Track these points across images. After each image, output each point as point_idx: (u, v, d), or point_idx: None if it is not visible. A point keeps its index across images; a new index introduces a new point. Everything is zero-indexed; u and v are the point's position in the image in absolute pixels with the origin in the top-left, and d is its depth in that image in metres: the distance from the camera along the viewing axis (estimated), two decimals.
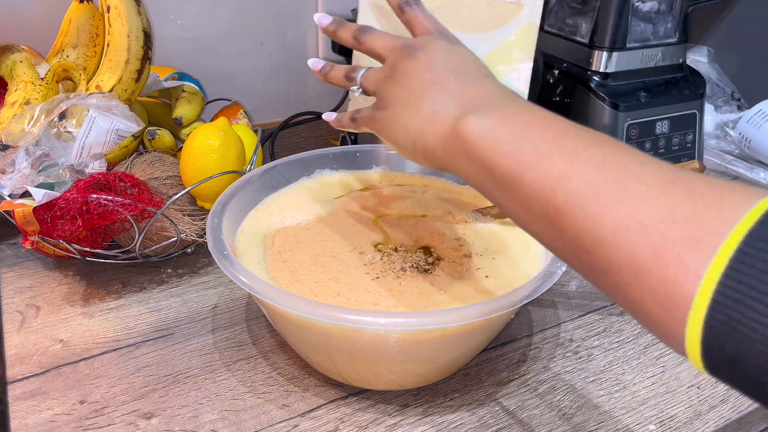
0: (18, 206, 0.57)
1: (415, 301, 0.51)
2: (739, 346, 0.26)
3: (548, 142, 0.35)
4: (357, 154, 0.70)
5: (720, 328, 0.26)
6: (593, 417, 0.51)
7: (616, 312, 0.63)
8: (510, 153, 0.36)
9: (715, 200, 0.28)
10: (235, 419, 0.50)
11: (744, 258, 0.25)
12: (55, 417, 0.49)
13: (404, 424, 0.50)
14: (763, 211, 0.26)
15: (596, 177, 0.32)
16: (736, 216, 0.26)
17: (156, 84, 0.77)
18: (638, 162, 0.31)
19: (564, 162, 0.33)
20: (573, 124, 0.36)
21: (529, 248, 0.59)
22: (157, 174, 0.66)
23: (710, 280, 0.26)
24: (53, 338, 0.57)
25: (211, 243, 0.51)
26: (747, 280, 0.25)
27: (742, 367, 0.26)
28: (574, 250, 0.32)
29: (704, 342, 0.27)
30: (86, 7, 0.71)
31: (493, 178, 0.37)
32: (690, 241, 0.27)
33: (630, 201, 0.30)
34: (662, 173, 0.30)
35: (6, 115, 0.62)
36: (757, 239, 0.25)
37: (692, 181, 0.29)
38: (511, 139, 0.36)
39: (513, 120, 0.37)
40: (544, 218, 0.34)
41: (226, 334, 0.59)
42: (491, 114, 0.38)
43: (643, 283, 0.29)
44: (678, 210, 0.28)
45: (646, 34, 0.82)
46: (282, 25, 0.97)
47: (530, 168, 0.34)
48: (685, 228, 0.27)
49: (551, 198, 0.33)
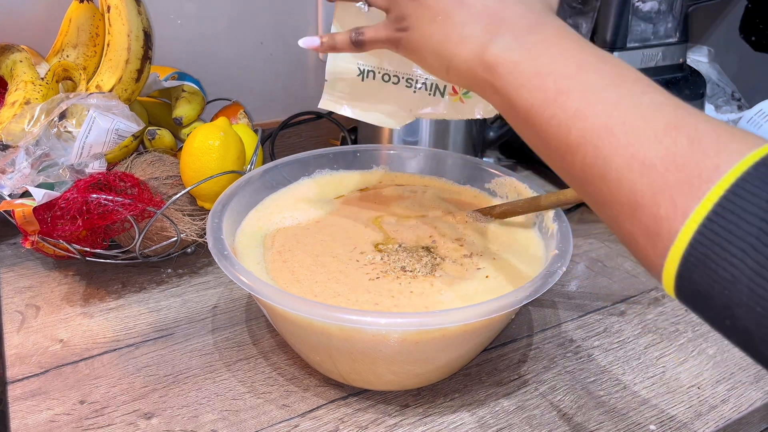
0: (18, 206, 0.57)
1: (415, 301, 0.51)
2: (709, 281, 0.29)
3: (569, 78, 0.36)
4: (357, 154, 0.70)
5: (695, 263, 0.29)
6: (593, 417, 0.51)
7: (616, 312, 0.63)
8: (534, 88, 0.37)
9: (713, 148, 0.30)
10: (235, 419, 0.50)
11: (727, 204, 0.28)
12: (55, 417, 0.49)
13: (404, 424, 0.50)
14: (752, 163, 0.28)
15: (609, 117, 0.34)
16: (727, 165, 0.29)
17: (156, 84, 0.77)
18: (652, 103, 0.33)
19: (582, 100, 0.35)
20: (596, 52, 0.37)
21: (529, 248, 0.59)
22: (157, 174, 0.66)
23: (694, 221, 0.29)
24: (53, 338, 0.57)
25: (211, 243, 0.51)
26: (725, 224, 0.28)
27: (709, 301, 0.30)
28: (582, 184, 0.35)
29: (679, 273, 0.30)
30: (86, 6, 0.71)
31: (516, 109, 0.38)
32: (684, 186, 0.30)
33: (637, 144, 0.32)
34: (671, 116, 0.32)
35: (6, 114, 0.62)
36: (741, 189, 0.28)
37: (697, 127, 0.31)
38: (535, 74, 0.37)
39: (539, 52, 0.38)
40: (558, 152, 0.36)
41: (226, 334, 0.59)
42: (518, 44, 0.39)
43: (637, 219, 0.32)
44: (678, 155, 0.31)
45: (646, 34, 0.82)
46: (282, 25, 0.97)
47: (550, 104, 0.36)
48: (682, 173, 0.30)
49: (566, 134, 0.35)
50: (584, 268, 0.70)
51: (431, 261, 0.56)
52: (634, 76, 0.36)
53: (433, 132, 0.80)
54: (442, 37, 0.42)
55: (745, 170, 0.28)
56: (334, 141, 0.97)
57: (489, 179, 0.67)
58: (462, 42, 0.41)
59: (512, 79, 0.38)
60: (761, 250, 0.27)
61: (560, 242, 0.53)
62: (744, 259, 0.28)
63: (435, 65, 0.44)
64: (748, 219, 0.28)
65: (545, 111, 0.36)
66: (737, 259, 0.28)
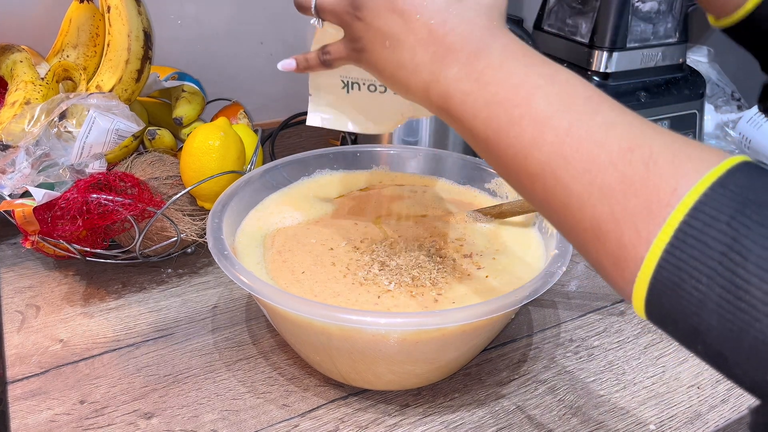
0: (18, 206, 0.57)
1: (415, 301, 0.51)
2: (678, 307, 0.29)
3: (519, 107, 0.36)
4: (357, 154, 0.70)
5: (662, 290, 0.30)
6: (593, 417, 0.51)
7: (616, 312, 0.63)
8: (486, 119, 0.37)
9: (669, 170, 0.30)
10: (235, 419, 0.50)
11: (687, 229, 0.28)
12: (55, 417, 0.49)
13: (404, 424, 0.50)
14: (709, 184, 0.29)
15: (563, 145, 0.33)
16: (684, 188, 0.29)
17: (156, 84, 0.77)
18: (604, 123, 0.33)
19: (534, 129, 0.35)
20: (544, 71, 0.37)
21: (529, 248, 0.59)
22: (157, 174, 0.66)
23: (657, 247, 0.29)
24: (53, 338, 0.57)
25: (211, 243, 0.51)
26: (688, 250, 0.28)
27: (678, 325, 0.30)
28: (547, 210, 0.35)
29: (647, 299, 0.30)
30: (86, 6, 0.71)
31: (474, 138, 0.38)
32: (643, 212, 0.30)
33: (593, 170, 0.32)
34: (625, 137, 0.32)
35: (6, 115, 0.62)
36: (700, 212, 0.28)
37: (651, 147, 0.31)
38: (486, 105, 0.37)
39: (486, 80, 0.37)
40: (519, 179, 0.36)
41: (226, 334, 0.59)
42: (465, 73, 0.38)
43: (602, 245, 0.32)
44: (635, 179, 0.31)
45: (646, 34, 0.82)
46: (282, 25, 0.97)
47: (504, 135, 0.36)
48: (640, 198, 0.30)
49: (524, 164, 0.35)
50: (584, 268, 0.70)
51: (431, 261, 0.56)
52: (585, 93, 0.35)
53: (433, 132, 0.80)
54: (395, 63, 0.42)
55: (702, 192, 0.29)
56: (334, 141, 0.97)
57: (489, 179, 0.67)
58: (415, 71, 0.41)
59: (464, 111, 0.38)
60: (724, 274, 0.27)
61: (560, 242, 0.53)
62: (709, 284, 0.28)
63: (395, 89, 0.44)
64: (710, 243, 0.28)
65: (501, 141, 0.36)
66: (702, 285, 0.28)
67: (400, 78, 0.42)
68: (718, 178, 0.29)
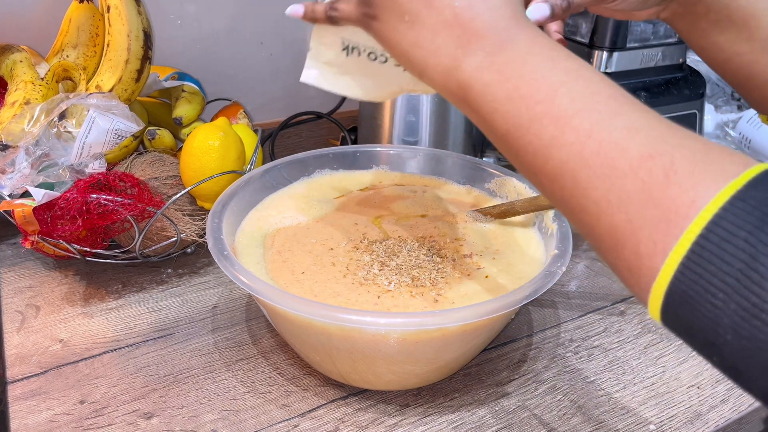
0: (18, 206, 0.57)
1: (415, 301, 0.51)
2: (693, 319, 0.29)
3: (541, 103, 0.35)
4: (357, 154, 0.70)
5: (678, 301, 0.29)
6: (593, 417, 0.51)
7: (616, 312, 0.63)
8: (507, 114, 0.36)
9: (689, 181, 0.29)
10: (235, 419, 0.50)
11: (704, 243, 0.28)
12: (55, 417, 0.49)
13: (404, 424, 0.50)
14: (728, 197, 0.28)
15: (583, 147, 0.33)
16: (703, 201, 0.29)
17: (156, 84, 0.77)
18: (626, 128, 0.32)
19: (555, 128, 0.34)
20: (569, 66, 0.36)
21: (529, 248, 0.59)
22: (157, 174, 0.66)
23: (673, 260, 0.29)
24: (53, 338, 0.57)
25: (211, 243, 0.51)
26: (704, 264, 0.28)
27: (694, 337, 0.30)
28: (565, 210, 0.35)
29: (663, 309, 0.30)
30: (86, 6, 0.71)
31: (493, 131, 0.37)
32: (661, 223, 0.30)
33: (612, 176, 0.32)
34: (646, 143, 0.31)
35: (6, 115, 0.62)
36: (718, 227, 0.28)
37: (672, 155, 0.30)
38: (508, 99, 0.36)
39: (510, 73, 0.36)
40: (538, 177, 0.36)
41: (226, 334, 0.59)
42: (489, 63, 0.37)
43: (619, 252, 0.32)
44: (654, 189, 0.30)
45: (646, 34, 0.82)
46: (282, 25, 0.97)
47: (525, 131, 0.35)
48: (659, 209, 0.30)
49: (543, 163, 0.35)
50: (584, 268, 0.70)
51: (431, 261, 0.56)
52: (609, 92, 0.34)
53: (433, 132, 0.80)
54: (412, 40, 0.40)
55: (721, 205, 0.28)
56: (334, 141, 0.97)
57: (489, 179, 0.67)
58: (435, 53, 0.39)
59: (485, 103, 0.37)
60: (741, 292, 0.27)
61: (560, 242, 0.53)
62: (725, 300, 0.27)
63: (407, 66, 0.42)
64: (727, 259, 0.27)
65: (521, 138, 0.35)
66: (719, 301, 0.28)
67: (415, 57, 0.40)
68: (737, 191, 0.28)
